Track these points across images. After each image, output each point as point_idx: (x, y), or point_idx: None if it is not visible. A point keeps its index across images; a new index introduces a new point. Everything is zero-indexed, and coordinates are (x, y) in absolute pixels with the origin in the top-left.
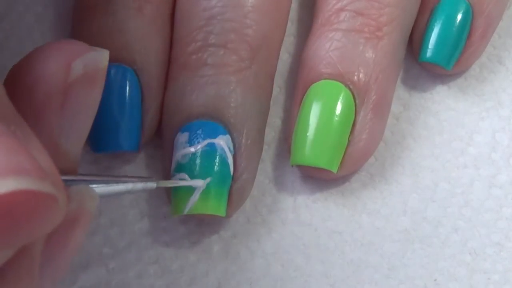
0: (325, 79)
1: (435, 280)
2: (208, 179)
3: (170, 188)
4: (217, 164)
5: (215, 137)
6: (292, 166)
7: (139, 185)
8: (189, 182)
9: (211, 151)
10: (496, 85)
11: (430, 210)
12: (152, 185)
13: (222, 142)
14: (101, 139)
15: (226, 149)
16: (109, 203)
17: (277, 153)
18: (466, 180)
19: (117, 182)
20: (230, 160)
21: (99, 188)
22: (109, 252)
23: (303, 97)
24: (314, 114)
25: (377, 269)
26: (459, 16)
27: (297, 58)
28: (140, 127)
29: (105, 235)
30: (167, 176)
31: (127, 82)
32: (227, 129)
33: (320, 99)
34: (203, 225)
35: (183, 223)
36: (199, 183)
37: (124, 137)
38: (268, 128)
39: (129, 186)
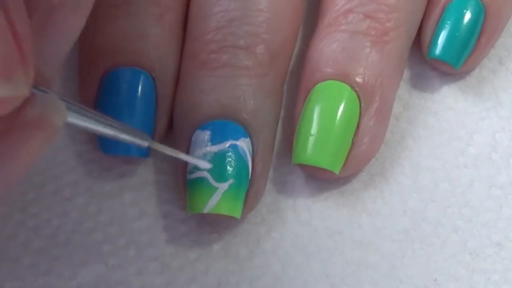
0: (330, 79)
1: (435, 280)
2: (231, 181)
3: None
4: (238, 166)
5: (237, 139)
6: (293, 165)
7: (127, 136)
8: (193, 160)
9: (233, 152)
10: (496, 85)
11: (430, 210)
12: (143, 143)
13: (244, 144)
14: (112, 141)
15: (247, 152)
16: (109, 202)
17: (277, 153)
18: (466, 180)
19: (105, 121)
20: (250, 164)
21: (81, 117)
22: (109, 249)
23: (306, 96)
24: (318, 113)
25: (377, 269)
26: (472, 16)
27: (297, 58)
28: (152, 133)
29: (104, 232)
30: (182, 173)
31: (144, 87)
32: (248, 132)
33: (325, 99)
34: (203, 224)
35: (183, 222)
36: (206, 165)
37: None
38: None
39: (115, 130)
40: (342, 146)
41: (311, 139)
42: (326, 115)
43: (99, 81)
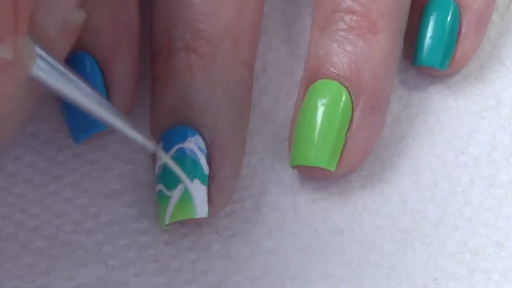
0: (321, 79)
1: (435, 279)
2: (181, 185)
3: None
4: (187, 167)
5: (183, 141)
6: (292, 167)
7: (138, 137)
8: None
9: (180, 156)
10: (496, 84)
11: (430, 209)
12: (151, 146)
13: (191, 144)
14: (76, 127)
15: (196, 150)
16: (109, 202)
17: (277, 153)
18: (466, 180)
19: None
20: (203, 161)
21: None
22: (109, 250)
23: (303, 99)
24: (311, 114)
25: (377, 268)
26: (446, 16)
27: (297, 58)
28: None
29: (105, 233)
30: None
31: (84, 65)
32: (197, 129)
33: (317, 99)
34: (203, 225)
35: (182, 223)
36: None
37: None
38: (268, 128)
39: (128, 128)
40: (337, 144)
41: (306, 141)
42: (318, 116)
43: None
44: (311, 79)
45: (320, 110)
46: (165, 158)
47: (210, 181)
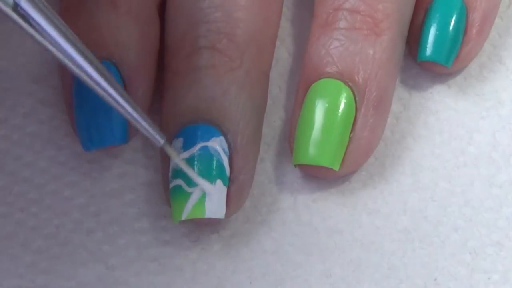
0: (324, 78)
1: (435, 279)
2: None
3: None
4: (211, 166)
5: (208, 140)
6: (294, 166)
7: (150, 130)
8: (195, 178)
9: (204, 154)
10: (496, 84)
11: (430, 209)
12: (159, 141)
13: (216, 144)
14: (90, 136)
15: (220, 151)
16: (109, 202)
17: (277, 153)
18: (466, 180)
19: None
20: (226, 162)
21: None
22: (109, 249)
23: (304, 97)
24: (315, 113)
25: (377, 268)
26: (454, 13)
27: (297, 58)
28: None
29: (105, 232)
30: (166, 183)
31: None
32: (221, 131)
33: (321, 98)
34: (203, 225)
35: (183, 223)
36: (206, 186)
37: (110, 131)
38: (268, 128)
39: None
40: (341, 143)
41: (310, 139)
42: (322, 114)
43: (71, 87)
44: (312, 78)
45: (325, 109)
46: (175, 158)
47: (230, 184)
